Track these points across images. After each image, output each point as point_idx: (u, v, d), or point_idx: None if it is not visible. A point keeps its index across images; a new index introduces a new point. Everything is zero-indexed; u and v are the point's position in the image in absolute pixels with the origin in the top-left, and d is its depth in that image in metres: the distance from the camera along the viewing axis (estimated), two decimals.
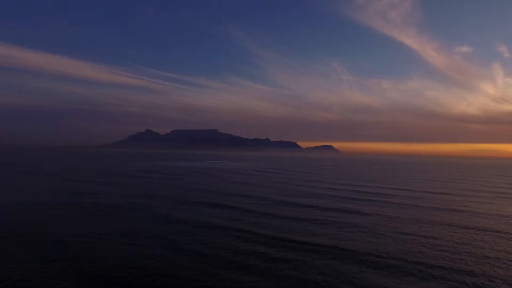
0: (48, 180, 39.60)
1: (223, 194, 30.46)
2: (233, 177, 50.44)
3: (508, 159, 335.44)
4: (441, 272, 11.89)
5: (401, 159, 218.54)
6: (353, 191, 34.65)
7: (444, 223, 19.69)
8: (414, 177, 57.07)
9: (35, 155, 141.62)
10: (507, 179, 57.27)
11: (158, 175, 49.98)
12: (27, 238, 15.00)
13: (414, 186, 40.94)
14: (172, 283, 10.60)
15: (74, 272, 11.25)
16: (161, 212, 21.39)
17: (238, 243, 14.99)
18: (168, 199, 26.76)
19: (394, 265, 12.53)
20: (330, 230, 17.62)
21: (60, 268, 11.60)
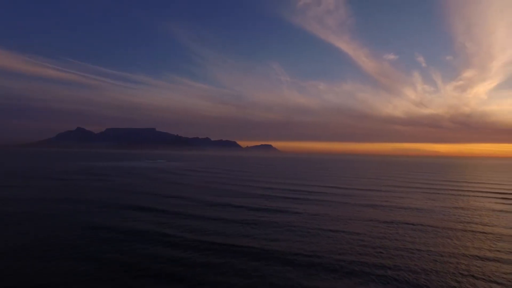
0: None
1: (153, 196, 28.81)
2: (166, 177, 48.40)
3: (425, 157, 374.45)
4: (364, 267, 12.16)
5: (336, 158, 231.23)
6: (287, 190, 35.21)
7: (368, 219, 20.65)
8: (345, 175, 60.31)
9: None
10: (424, 175, 63.27)
11: (84, 177, 45.95)
12: None
13: (344, 184, 43.03)
14: None
15: None
16: (81, 218, 19.31)
17: (163, 249, 13.97)
18: (91, 203, 24.43)
19: (320, 263, 12.58)
20: (260, 230, 17.37)
21: None
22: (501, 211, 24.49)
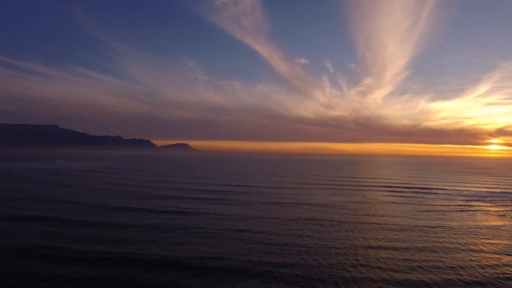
0: None
1: (43, 202, 25.08)
2: (64, 180, 43.07)
3: (332, 155, 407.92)
4: (271, 266, 12.03)
5: (250, 157, 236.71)
6: (199, 190, 34.24)
7: (275, 217, 20.96)
8: (257, 174, 61.79)
9: None
10: (328, 172, 68.40)
11: None
12: None
13: (255, 182, 43.82)
14: None
15: None
16: None
17: (49, 265, 11.95)
18: None
19: (227, 265, 12.12)
20: (165, 235, 16.18)
21: None
22: (390, 202, 27.45)
